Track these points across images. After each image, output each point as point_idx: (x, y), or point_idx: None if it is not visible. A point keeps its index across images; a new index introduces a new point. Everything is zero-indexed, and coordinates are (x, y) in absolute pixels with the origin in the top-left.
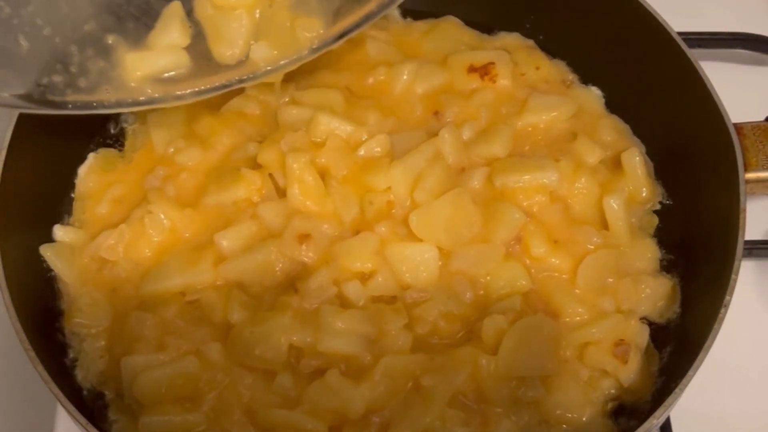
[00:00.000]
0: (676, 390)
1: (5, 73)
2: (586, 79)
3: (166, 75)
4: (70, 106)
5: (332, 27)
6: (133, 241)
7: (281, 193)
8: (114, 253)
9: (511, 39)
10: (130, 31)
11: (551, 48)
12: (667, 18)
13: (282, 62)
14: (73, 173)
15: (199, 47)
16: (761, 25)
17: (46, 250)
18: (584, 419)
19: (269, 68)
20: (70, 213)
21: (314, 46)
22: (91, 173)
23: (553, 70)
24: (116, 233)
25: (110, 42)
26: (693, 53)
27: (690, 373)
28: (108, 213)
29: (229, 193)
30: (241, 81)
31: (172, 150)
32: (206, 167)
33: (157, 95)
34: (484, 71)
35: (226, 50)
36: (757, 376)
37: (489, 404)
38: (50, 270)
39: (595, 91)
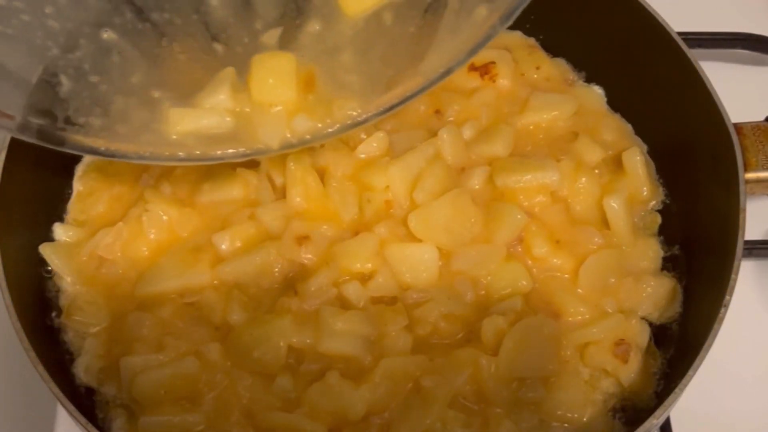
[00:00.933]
0: (676, 390)
1: (35, 104)
2: (587, 78)
3: (207, 133)
4: (102, 150)
5: (380, 98)
6: (130, 240)
7: (278, 190)
8: (111, 251)
9: (512, 38)
10: (178, 88)
11: (552, 47)
12: (667, 18)
13: (325, 132)
14: (72, 172)
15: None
16: (761, 25)
17: (45, 249)
18: (585, 419)
19: (309, 138)
20: (69, 212)
21: (358, 120)
22: (90, 171)
23: (554, 69)
24: (114, 231)
25: (156, 96)
26: (693, 53)
27: (690, 373)
28: (106, 211)
29: (224, 192)
30: (282, 149)
31: None
32: (201, 164)
33: (197, 152)
34: (484, 70)
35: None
36: (757, 376)
37: (490, 405)
38: (50, 269)
39: (596, 90)
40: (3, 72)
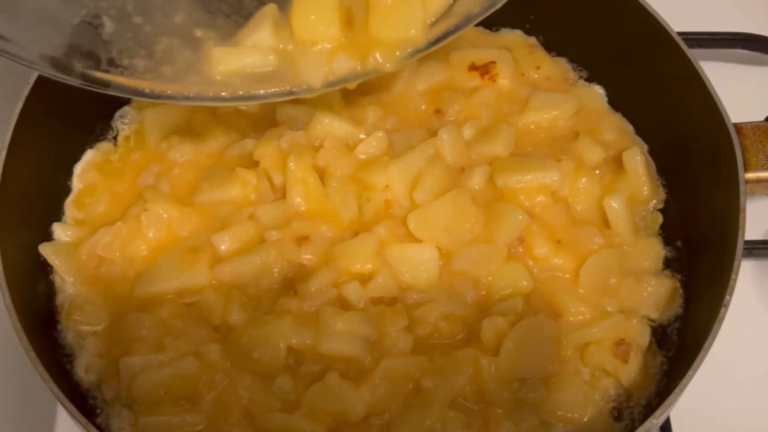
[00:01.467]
0: (676, 390)
1: (78, 47)
2: (588, 78)
3: (251, 72)
4: (147, 91)
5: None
6: (129, 239)
7: (277, 190)
8: (110, 250)
9: (513, 36)
10: (220, 27)
11: (553, 46)
12: (667, 18)
13: (365, 71)
14: (72, 171)
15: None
16: (761, 25)
17: (45, 248)
18: (585, 419)
19: (351, 77)
20: (68, 211)
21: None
22: (89, 171)
23: (554, 68)
24: (112, 231)
25: (199, 35)
26: (693, 53)
27: (690, 373)
28: (106, 210)
29: (222, 192)
30: (324, 87)
31: (165, 146)
32: (200, 164)
33: (240, 92)
34: (484, 70)
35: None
36: (756, 376)
37: (490, 405)
38: (50, 269)
39: (597, 90)
40: (44, 15)
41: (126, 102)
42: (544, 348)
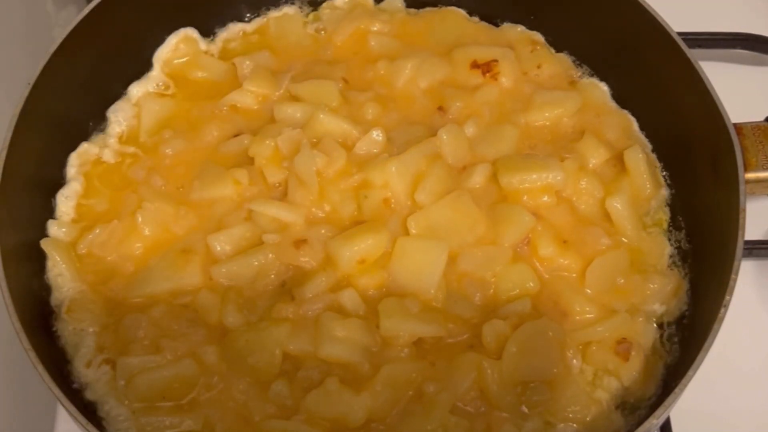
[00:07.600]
0: (676, 390)
1: None
2: (592, 74)
3: None
4: None
5: None
6: (125, 237)
7: (270, 188)
8: (106, 249)
9: (515, 32)
10: None
11: (555, 42)
12: (667, 18)
13: None
14: (68, 169)
15: None
16: (761, 25)
17: (46, 244)
18: (588, 419)
19: None
20: (66, 209)
21: None
22: (85, 166)
23: (557, 66)
24: (109, 229)
25: None
26: (693, 53)
27: (690, 373)
28: (101, 206)
29: (214, 191)
30: None
31: (156, 139)
32: (193, 158)
33: None
34: (486, 68)
35: None
36: (756, 376)
37: (493, 409)
38: (47, 267)
39: (601, 87)
40: None
41: (120, 97)
42: (548, 351)
